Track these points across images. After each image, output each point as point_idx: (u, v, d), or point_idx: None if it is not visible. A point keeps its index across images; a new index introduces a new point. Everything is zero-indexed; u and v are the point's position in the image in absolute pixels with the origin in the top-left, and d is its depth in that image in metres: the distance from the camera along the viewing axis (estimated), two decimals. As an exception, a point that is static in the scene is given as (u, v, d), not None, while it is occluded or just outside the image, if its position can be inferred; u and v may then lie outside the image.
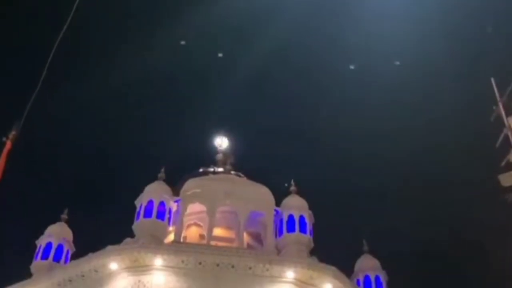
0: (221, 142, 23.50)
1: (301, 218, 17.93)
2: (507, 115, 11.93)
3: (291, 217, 17.93)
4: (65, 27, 12.44)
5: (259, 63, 31.81)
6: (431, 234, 31.70)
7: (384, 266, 19.41)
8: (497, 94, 12.31)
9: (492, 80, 12.69)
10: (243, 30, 30.66)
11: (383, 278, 19.04)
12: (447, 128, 29.62)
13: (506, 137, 11.61)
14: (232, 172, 21.98)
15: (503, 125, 11.83)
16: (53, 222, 19.27)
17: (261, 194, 19.57)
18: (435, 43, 28.52)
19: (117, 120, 33.65)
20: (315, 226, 18.20)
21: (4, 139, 14.38)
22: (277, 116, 35.54)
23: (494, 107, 12.19)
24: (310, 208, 18.39)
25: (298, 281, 16.03)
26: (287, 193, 18.93)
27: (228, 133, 24.01)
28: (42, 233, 18.88)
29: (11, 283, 17.19)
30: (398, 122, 30.83)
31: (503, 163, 11.64)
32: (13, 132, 14.44)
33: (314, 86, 33.46)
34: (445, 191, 30.93)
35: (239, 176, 21.61)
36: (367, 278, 18.95)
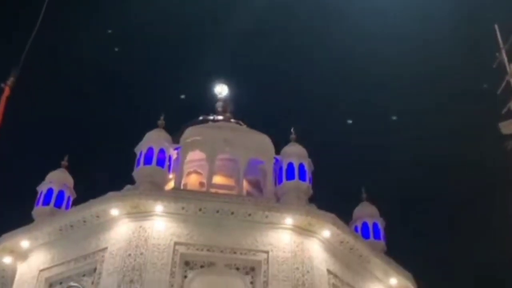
0: (221, 89, 23.38)
1: (301, 166, 17.98)
2: (510, 62, 11.79)
3: (290, 165, 17.99)
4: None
5: (260, 9, 31.36)
6: (431, 182, 31.95)
7: (382, 213, 19.67)
8: (500, 41, 12.15)
9: (496, 26, 12.50)
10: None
11: (381, 225, 19.31)
12: (449, 74, 29.44)
13: (508, 84, 11.51)
14: (232, 120, 21.97)
15: (505, 72, 11.71)
16: (54, 169, 19.38)
17: (261, 142, 19.60)
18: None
19: (117, 67, 33.41)
20: (314, 174, 18.28)
21: (2, 85, 14.27)
22: (277, 65, 35.28)
23: (497, 54, 12.05)
24: (310, 156, 18.43)
25: (296, 228, 16.21)
26: (287, 141, 18.94)
27: (228, 80, 23.88)
28: (43, 179, 19.00)
29: (13, 228, 17.41)
30: (401, 69, 30.60)
31: (504, 111, 11.58)
32: (11, 78, 14.34)
33: (316, 32, 33.08)
34: (445, 140, 31.01)
35: (239, 124, 21.61)
36: (365, 225, 19.21)
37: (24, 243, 17.08)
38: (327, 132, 32.13)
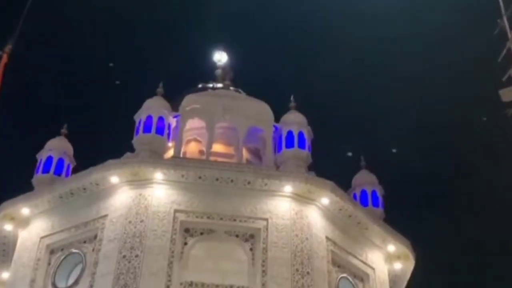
0: (220, 57, 23.19)
1: (300, 134, 17.95)
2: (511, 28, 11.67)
3: (290, 133, 17.96)
4: None
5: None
6: (430, 150, 31.98)
7: (381, 182, 19.74)
8: (502, 7, 12.00)
9: (498, -8, 12.33)
10: None
11: (380, 193, 19.40)
12: (450, 40, 29.20)
13: (509, 51, 11.41)
14: (231, 87, 21.86)
15: (506, 39, 11.60)
16: (53, 136, 19.37)
17: (260, 110, 19.56)
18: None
19: (115, 34, 33.15)
20: (314, 142, 18.28)
21: (0, 52, 14.19)
22: (277, 32, 34.99)
23: (498, 20, 11.91)
24: (309, 124, 18.40)
25: (296, 195, 16.29)
26: (286, 109, 18.87)
27: (228, 48, 23.68)
28: (42, 147, 19.01)
29: (14, 196, 17.50)
30: (401, 31, 30.28)
31: (504, 78, 11.51)
32: (9, 46, 14.25)
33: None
34: (446, 107, 30.94)
35: (238, 91, 21.52)
36: (363, 193, 19.29)
37: (25, 211, 17.19)
38: (327, 100, 32.04)
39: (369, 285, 17.30)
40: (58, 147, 18.85)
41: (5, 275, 17.91)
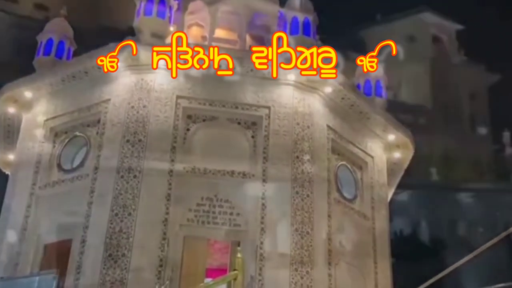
0: None
1: (305, 20, 17.47)
2: None
3: (294, 19, 17.48)
4: None
5: None
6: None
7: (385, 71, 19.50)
8: None
9: None
10: None
11: (383, 82, 19.26)
12: None
13: None
14: (235, -31, 20.99)
15: None
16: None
17: (265, -7, 18.91)
18: None
19: None
20: (320, 27, 17.83)
21: None
22: None
23: None
24: (316, 9, 17.87)
25: (298, 84, 16.22)
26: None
27: None
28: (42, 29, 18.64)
29: (16, 78, 17.43)
30: None
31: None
32: None
33: None
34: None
35: (243, -27, 20.70)
36: (367, 82, 19.14)
37: (27, 93, 17.20)
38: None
39: (367, 172, 17.69)
40: (58, 29, 18.46)
41: (11, 157, 18.29)
